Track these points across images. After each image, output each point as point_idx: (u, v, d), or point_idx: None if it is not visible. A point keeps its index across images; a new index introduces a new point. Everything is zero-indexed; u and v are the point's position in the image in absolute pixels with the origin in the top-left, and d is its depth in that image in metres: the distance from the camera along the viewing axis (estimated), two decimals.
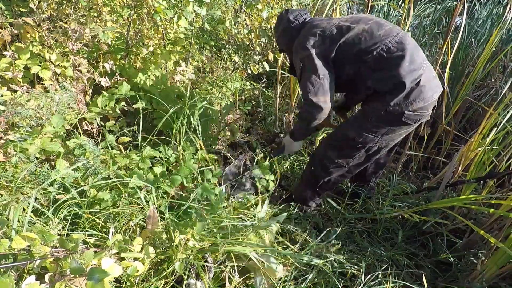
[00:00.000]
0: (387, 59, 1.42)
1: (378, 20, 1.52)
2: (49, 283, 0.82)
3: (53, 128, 1.43)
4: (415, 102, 1.41)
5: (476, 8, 3.17)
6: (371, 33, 1.45)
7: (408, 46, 1.41)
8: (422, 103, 1.41)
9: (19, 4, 1.67)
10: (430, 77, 1.43)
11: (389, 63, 1.42)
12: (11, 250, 0.82)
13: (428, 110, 1.47)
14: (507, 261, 1.41)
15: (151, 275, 1.19)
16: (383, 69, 1.44)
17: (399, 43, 1.42)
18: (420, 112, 1.44)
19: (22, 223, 1.05)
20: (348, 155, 1.62)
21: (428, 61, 1.48)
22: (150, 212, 1.19)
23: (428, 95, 1.41)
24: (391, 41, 1.43)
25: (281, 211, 1.75)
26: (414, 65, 1.39)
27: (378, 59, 1.43)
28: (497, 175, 1.63)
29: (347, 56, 1.49)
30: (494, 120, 1.76)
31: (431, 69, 1.46)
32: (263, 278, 1.25)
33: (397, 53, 1.40)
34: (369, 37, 1.44)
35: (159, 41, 2.01)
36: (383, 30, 1.45)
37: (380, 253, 1.69)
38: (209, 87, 2.00)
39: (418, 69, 1.40)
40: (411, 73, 1.38)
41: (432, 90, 1.43)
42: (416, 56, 1.42)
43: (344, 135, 1.59)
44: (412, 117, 1.44)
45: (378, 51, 1.43)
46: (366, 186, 1.90)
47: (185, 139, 1.66)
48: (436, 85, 1.46)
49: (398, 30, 1.48)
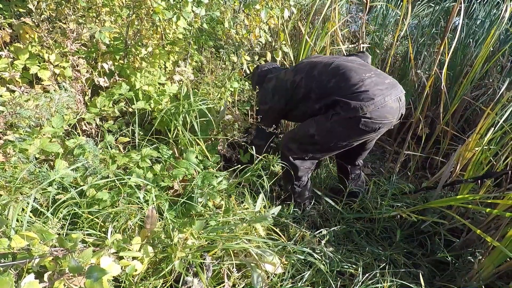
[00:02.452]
0: (327, 89, 1.59)
1: (316, 61, 1.71)
2: (48, 282, 0.83)
3: (52, 128, 1.44)
4: (365, 107, 1.46)
5: (475, 8, 3.18)
6: (308, 77, 1.67)
7: (342, 71, 1.56)
8: (373, 107, 1.47)
9: (18, 5, 1.67)
10: (378, 84, 1.50)
11: (329, 87, 1.58)
12: (10, 249, 0.83)
13: (386, 118, 1.51)
14: (503, 260, 1.42)
15: (150, 274, 1.20)
16: (325, 93, 1.59)
17: (332, 72, 1.59)
18: (376, 119, 1.49)
19: (21, 223, 1.06)
20: (306, 149, 1.73)
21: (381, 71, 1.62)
22: (149, 212, 1.20)
23: (378, 101, 1.46)
24: (324, 74, 1.61)
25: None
26: (357, 78, 1.51)
27: (319, 93, 1.62)
28: (495, 174, 1.63)
29: (297, 99, 1.73)
30: (492, 120, 1.77)
31: (381, 77, 1.55)
32: (260, 275, 1.26)
33: (334, 80, 1.57)
34: (306, 81, 1.67)
35: (158, 42, 2.01)
36: (316, 70, 1.65)
37: (378, 252, 1.70)
38: (208, 87, 2.01)
39: (360, 80, 1.50)
40: (354, 83, 1.50)
41: (382, 96, 1.47)
42: (360, 73, 1.53)
43: (305, 130, 1.70)
44: (369, 124, 1.50)
45: (315, 86, 1.63)
46: (351, 180, 1.95)
47: (184, 138, 1.67)
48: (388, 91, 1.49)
49: (331, 61, 1.64)
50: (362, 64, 1.63)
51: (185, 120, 1.73)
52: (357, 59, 1.71)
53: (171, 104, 1.75)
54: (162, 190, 1.48)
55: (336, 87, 1.55)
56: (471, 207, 1.69)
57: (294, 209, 1.89)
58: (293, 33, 2.94)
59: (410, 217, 1.78)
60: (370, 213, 1.87)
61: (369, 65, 1.67)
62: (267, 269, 1.29)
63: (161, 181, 1.46)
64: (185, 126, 1.72)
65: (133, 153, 1.50)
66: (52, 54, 1.61)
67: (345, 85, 1.52)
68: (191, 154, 1.58)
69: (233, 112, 2.11)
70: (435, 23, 3.09)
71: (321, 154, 1.76)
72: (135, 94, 1.80)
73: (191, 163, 1.54)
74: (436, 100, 2.74)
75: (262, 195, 1.47)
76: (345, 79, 1.53)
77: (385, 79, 1.54)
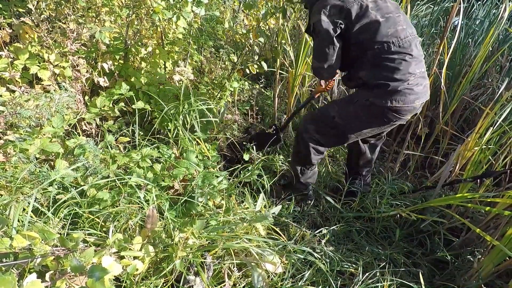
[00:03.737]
0: (385, 59, 1.46)
1: (396, 16, 1.51)
2: (50, 281, 0.83)
3: (52, 128, 1.44)
4: (395, 101, 1.47)
5: (474, 8, 3.19)
6: (381, 27, 1.46)
7: (410, 54, 1.45)
8: (401, 104, 1.47)
9: (17, 5, 1.67)
10: (418, 85, 1.49)
11: (385, 64, 1.46)
12: (12, 249, 0.83)
13: (407, 115, 1.54)
14: (503, 259, 1.42)
15: (151, 274, 1.20)
16: (379, 66, 1.48)
17: (402, 47, 1.45)
18: (398, 114, 1.51)
19: (23, 223, 1.06)
20: (323, 131, 1.71)
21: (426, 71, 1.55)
22: (149, 211, 1.20)
23: (409, 99, 1.47)
24: (395, 43, 1.45)
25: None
26: (408, 71, 1.45)
27: (377, 55, 1.47)
28: (494, 174, 1.64)
29: (354, 38, 1.51)
30: (491, 119, 1.78)
31: (423, 79, 1.52)
32: (261, 274, 1.27)
33: (396, 56, 1.44)
34: (377, 31, 1.46)
35: (158, 41, 2.01)
36: (393, 29, 1.46)
37: (378, 251, 1.70)
38: (208, 87, 2.01)
39: (410, 76, 1.45)
40: (401, 78, 1.44)
41: (415, 95, 1.48)
42: (414, 65, 1.47)
43: (325, 112, 1.69)
44: (390, 116, 1.51)
45: (379, 47, 1.46)
46: (359, 180, 1.94)
47: (184, 137, 1.67)
48: (421, 93, 1.51)
49: (408, 33, 1.49)
50: (419, 53, 1.54)
51: (185, 120, 1.73)
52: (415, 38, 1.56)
53: (171, 104, 1.75)
54: (162, 189, 1.48)
55: (394, 70, 1.45)
56: (470, 206, 1.69)
57: (295, 201, 1.88)
58: (293, 33, 2.95)
59: (409, 216, 1.79)
60: (369, 212, 1.88)
61: (421, 54, 1.57)
62: (268, 269, 1.29)
63: (161, 181, 1.47)
64: (185, 126, 1.72)
65: (133, 153, 1.51)
66: (52, 54, 1.61)
67: (402, 73, 1.45)
68: (192, 154, 1.58)
69: (233, 111, 2.11)
70: (434, 23, 3.09)
71: (337, 139, 1.74)
72: (135, 94, 1.80)
73: (191, 163, 1.54)
74: (436, 100, 2.75)
75: (263, 194, 1.47)
76: (406, 67, 1.45)
77: (424, 80, 1.54)
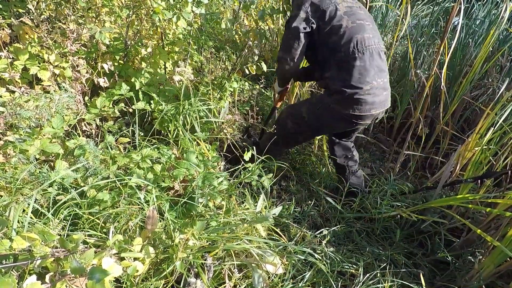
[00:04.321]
0: (347, 64, 1.53)
1: (366, 24, 1.59)
2: (50, 283, 0.83)
3: (52, 129, 1.44)
4: (351, 110, 1.56)
5: (474, 8, 3.18)
6: (349, 32, 1.53)
7: (371, 62, 1.53)
8: (358, 112, 1.56)
9: (17, 5, 1.67)
10: (375, 95, 1.55)
11: (346, 68, 1.53)
12: (12, 250, 0.83)
13: (365, 120, 1.62)
14: (504, 260, 1.42)
15: (151, 275, 1.20)
16: (341, 70, 1.55)
17: (365, 55, 1.53)
18: (357, 120, 1.60)
19: (22, 224, 1.05)
20: (298, 123, 1.81)
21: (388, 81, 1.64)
22: (150, 212, 1.19)
23: (364, 108, 1.55)
24: (360, 50, 1.52)
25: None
26: (366, 79, 1.51)
27: (342, 58, 1.54)
28: (494, 174, 1.64)
29: (324, 39, 1.58)
30: (491, 119, 1.77)
31: (383, 90, 1.59)
32: (261, 275, 1.26)
33: (357, 63, 1.51)
34: (345, 35, 1.53)
35: (158, 42, 2.01)
36: (360, 36, 1.53)
37: (379, 252, 1.70)
38: (208, 88, 2.00)
39: (367, 84, 1.51)
40: (357, 85, 1.51)
41: (370, 105, 1.56)
42: (374, 74, 1.53)
43: (299, 109, 1.81)
44: (350, 120, 1.61)
45: (345, 52, 1.53)
46: (347, 173, 1.98)
47: (184, 138, 1.67)
48: (378, 103, 1.58)
49: (374, 42, 1.56)
50: (382, 63, 1.61)
51: (185, 120, 1.73)
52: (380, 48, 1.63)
53: (171, 105, 1.75)
54: (162, 190, 1.47)
55: (352, 74, 1.52)
56: (471, 207, 1.69)
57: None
58: None
59: (410, 217, 1.79)
60: (370, 213, 1.88)
61: (384, 65, 1.64)
62: (268, 270, 1.29)
63: (161, 182, 1.46)
64: (185, 127, 1.72)
65: (133, 154, 1.50)
66: (52, 55, 1.60)
67: (358, 79, 1.52)
68: (192, 154, 1.58)
69: (233, 112, 2.11)
70: (434, 23, 3.09)
71: (311, 133, 1.90)
72: (135, 94, 1.80)
73: (191, 163, 1.53)
74: (436, 100, 2.75)
75: (263, 195, 1.47)
76: (364, 73, 1.52)
77: (384, 90, 1.60)
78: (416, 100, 2.67)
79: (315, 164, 2.33)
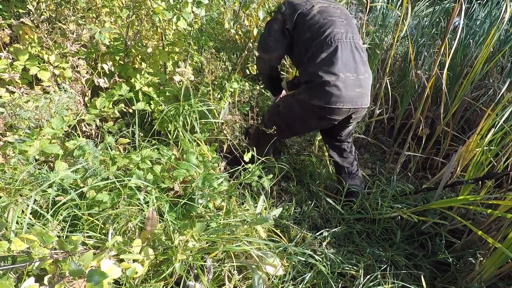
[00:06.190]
0: (317, 57, 1.57)
1: (339, 20, 1.64)
2: (49, 285, 0.82)
3: (52, 129, 1.43)
4: (317, 100, 1.57)
5: (475, 9, 3.18)
6: (320, 28, 1.60)
7: (341, 55, 1.55)
8: (323, 103, 1.57)
9: (17, 5, 1.67)
10: (344, 89, 1.55)
11: (316, 61, 1.57)
12: (10, 252, 0.82)
13: (334, 115, 1.62)
14: (505, 261, 1.42)
15: (150, 277, 1.19)
16: (312, 62, 1.59)
17: (335, 48, 1.56)
18: (325, 113, 1.60)
19: (21, 225, 1.05)
20: (274, 115, 1.86)
21: (365, 79, 1.62)
22: (149, 214, 1.19)
23: (330, 100, 1.55)
24: (329, 43, 1.57)
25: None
26: (333, 71, 1.53)
27: (313, 53, 1.59)
28: (495, 175, 1.63)
29: (300, 37, 1.66)
30: (492, 120, 1.77)
31: (355, 86, 1.58)
32: (261, 277, 1.26)
33: (325, 55, 1.56)
34: (317, 31, 1.60)
35: (158, 42, 2.00)
36: (330, 30, 1.58)
37: (379, 253, 1.69)
38: (208, 88, 2.00)
39: (332, 76, 1.53)
40: (324, 76, 1.53)
41: (336, 98, 1.55)
42: (342, 67, 1.54)
43: (278, 102, 1.88)
44: (319, 113, 1.62)
45: (317, 46, 1.58)
46: (343, 174, 1.97)
47: (184, 139, 1.67)
48: (348, 98, 1.57)
49: (346, 37, 1.60)
50: (357, 58, 1.62)
51: (185, 121, 1.72)
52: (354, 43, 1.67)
53: (171, 105, 1.74)
54: (162, 191, 1.47)
55: (320, 65, 1.57)
56: (472, 208, 1.68)
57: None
58: None
59: (410, 218, 1.78)
60: (370, 214, 1.87)
61: (361, 61, 1.65)
62: (268, 271, 1.28)
63: (161, 183, 1.46)
64: (185, 127, 1.71)
65: (133, 154, 1.50)
66: (52, 55, 1.60)
67: (327, 70, 1.55)
68: (192, 155, 1.57)
69: (233, 112, 2.10)
70: (435, 23, 3.09)
71: (285, 126, 1.84)
72: (135, 94, 1.79)
73: (191, 164, 1.53)
74: (437, 101, 2.74)
75: (263, 196, 1.47)
76: (331, 64, 1.55)
77: (359, 87, 1.59)
78: (417, 100, 2.66)
79: (315, 165, 2.33)
